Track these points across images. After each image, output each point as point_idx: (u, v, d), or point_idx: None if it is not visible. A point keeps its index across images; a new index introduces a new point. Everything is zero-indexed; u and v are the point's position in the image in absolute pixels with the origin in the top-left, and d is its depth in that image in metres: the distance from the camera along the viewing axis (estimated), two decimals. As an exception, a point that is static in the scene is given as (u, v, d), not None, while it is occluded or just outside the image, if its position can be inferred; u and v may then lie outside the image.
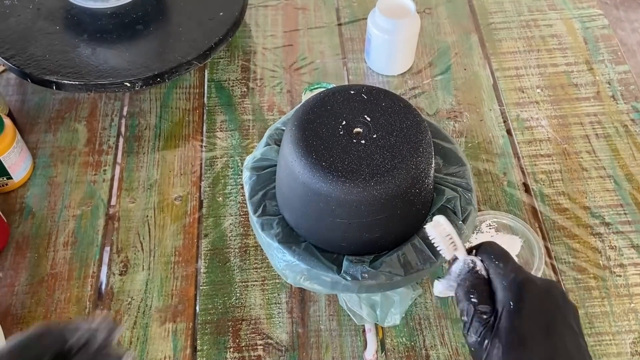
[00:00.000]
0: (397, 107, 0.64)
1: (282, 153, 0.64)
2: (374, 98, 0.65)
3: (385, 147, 0.61)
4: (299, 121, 0.63)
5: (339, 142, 0.61)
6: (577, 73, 0.98)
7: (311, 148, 0.61)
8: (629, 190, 0.85)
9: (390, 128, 0.62)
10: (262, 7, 1.07)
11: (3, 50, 0.90)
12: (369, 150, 0.61)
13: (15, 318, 0.74)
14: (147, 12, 0.97)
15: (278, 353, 0.72)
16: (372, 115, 0.63)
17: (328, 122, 0.63)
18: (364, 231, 0.62)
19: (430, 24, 1.04)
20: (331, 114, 0.63)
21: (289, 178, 0.62)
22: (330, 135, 0.62)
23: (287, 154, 0.62)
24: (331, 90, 0.66)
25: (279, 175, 0.66)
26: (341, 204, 0.59)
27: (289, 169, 0.62)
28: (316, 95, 0.66)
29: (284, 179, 0.64)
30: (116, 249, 0.80)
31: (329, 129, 0.62)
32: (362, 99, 0.65)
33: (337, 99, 0.65)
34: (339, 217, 0.61)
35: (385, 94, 0.65)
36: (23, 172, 0.84)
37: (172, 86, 0.96)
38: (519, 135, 0.90)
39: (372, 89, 0.66)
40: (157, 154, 0.89)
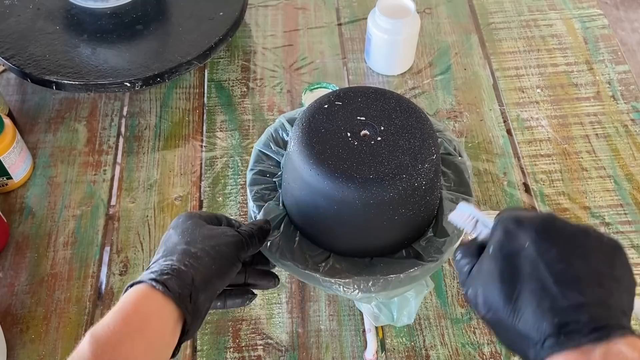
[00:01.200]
0: (403, 109, 0.64)
1: (288, 156, 0.64)
2: (380, 100, 0.65)
3: (392, 149, 0.61)
4: (305, 123, 0.63)
5: (345, 145, 0.61)
6: (577, 73, 0.98)
7: (318, 150, 0.60)
8: (629, 190, 0.85)
9: (397, 130, 0.62)
10: (262, 7, 1.07)
11: (3, 50, 0.90)
12: (376, 152, 0.60)
13: (15, 318, 0.74)
14: (147, 12, 0.97)
15: (278, 353, 0.72)
16: (379, 117, 0.63)
17: (335, 125, 0.63)
18: (369, 233, 0.62)
19: (430, 24, 1.04)
20: (338, 116, 0.63)
21: (299, 183, 0.62)
22: (337, 138, 0.61)
23: (294, 158, 0.62)
24: (338, 91, 0.66)
25: (288, 181, 0.66)
26: (347, 205, 0.59)
27: (297, 173, 0.62)
28: (323, 97, 0.65)
29: (293, 184, 0.64)
30: (116, 249, 0.80)
31: (336, 132, 0.62)
32: (369, 100, 0.65)
33: (344, 100, 0.65)
34: (342, 218, 0.61)
35: (390, 96, 0.65)
36: (23, 172, 0.84)
37: (172, 86, 0.96)
38: (519, 135, 0.90)
39: (378, 90, 0.66)
40: (157, 154, 0.89)
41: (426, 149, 0.61)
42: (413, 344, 0.72)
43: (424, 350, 0.72)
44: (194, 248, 0.54)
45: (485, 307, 0.46)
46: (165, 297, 0.50)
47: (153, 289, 0.50)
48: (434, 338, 0.73)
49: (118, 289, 0.76)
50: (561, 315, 0.42)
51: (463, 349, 0.72)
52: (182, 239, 0.55)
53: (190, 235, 0.55)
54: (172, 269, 0.51)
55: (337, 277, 0.61)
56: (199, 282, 0.52)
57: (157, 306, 0.49)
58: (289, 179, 0.65)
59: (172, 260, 0.53)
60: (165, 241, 0.57)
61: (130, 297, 0.50)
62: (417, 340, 0.72)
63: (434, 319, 0.74)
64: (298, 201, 0.64)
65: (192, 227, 0.56)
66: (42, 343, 0.72)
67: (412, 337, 0.73)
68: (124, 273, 0.78)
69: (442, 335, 0.73)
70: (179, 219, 0.59)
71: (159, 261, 0.53)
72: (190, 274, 0.52)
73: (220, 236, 0.56)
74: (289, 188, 0.65)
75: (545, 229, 0.46)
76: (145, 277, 0.51)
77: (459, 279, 0.52)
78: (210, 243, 0.55)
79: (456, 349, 0.72)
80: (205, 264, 0.53)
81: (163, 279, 0.50)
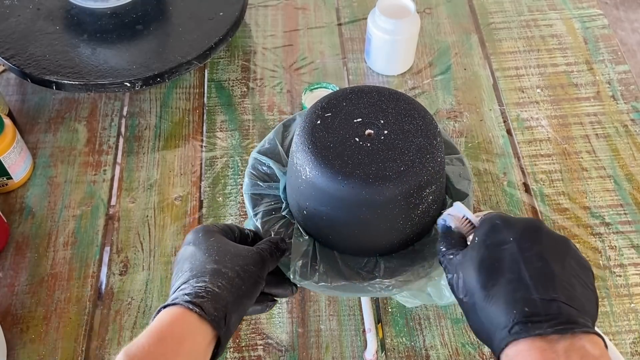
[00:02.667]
0: (408, 109, 0.64)
1: (292, 157, 0.64)
2: (384, 99, 0.65)
3: (397, 147, 0.61)
4: (309, 125, 0.63)
5: (350, 144, 0.61)
6: (577, 73, 0.98)
7: (323, 150, 0.60)
8: (629, 190, 0.85)
9: (402, 129, 0.62)
10: (262, 7, 1.07)
11: (3, 50, 0.90)
12: (381, 151, 0.60)
13: (15, 318, 0.74)
14: (147, 12, 0.97)
15: (278, 353, 0.72)
16: (383, 116, 0.63)
17: (339, 124, 0.63)
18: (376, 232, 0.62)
19: (430, 24, 1.04)
20: (342, 116, 0.63)
21: (304, 186, 0.62)
22: (341, 138, 0.61)
23: (298, 157, 0.62)
24: (342, 91, 0.66)
25: (293, 187, 0.66)
26: (353, 204, 0.59)
27: (301, 177, 0.62)
28: (327, 97, 0.66)
29: (298, 188, 0.64)
30: (116, 249, 0.79)
31: (340, 131, 0.62)
32: (373, 100, 0.65)
33: (347, 100, 0.65)
34: (349, 218, 0.61)
35: (395, 95, 0.65)
36: (23, 172, 0.84)
37: (172, 86, 0.96)
38: (519, 135, 0.90)
39: (381, 89, 0.66)
40: (157, 154, 0.89)
41: (431, 147, 0.61)
42: (413, 344, 0.72)
43: (424, 350, 0.72)
44: (225, 268, 0.54)
45: (463, 291, 0.50)
46: (201, 319, 0.50)
47: (189, 311, 0.50)
48: (434, 338, 0.73)
49: (118, 289, 0.76)
50: (532, 306, 0.45)
51: (463, 349, 0.72)
52: (209, 257, 0.55)
53: (218, 254, 0.56)
54: (207, 290, 0.52)
55: (396, 277, 0.62)
56: (231, 304, 0.53)
57: (192, 328, 0.50)
58: (293, 184, 0.64)
59: (205, 282, 0.53)
60: (190, 258, 0.56)
61: (166, 319, 0.51)
62: (417, 340, 0.72)
63: (434, 319, 0.74)
64: (304, 205, 0.63)
65: (216, 245, 0.57)
66: (42, 343, 0.72)
67: (412, 337, 0.73)
68: (124, 273, 0.78)
69: (442, 335, 0.73)
70: (197, 233, 0.59)
71: (190, 282, 0.54)
72: (224, 296, 0.53)
73: (246, 255, 0.57)
74: (294, 194, 0.65)
75: (531, 230, 0.50)
76: (180, 299, 0.51)
77: (442, 265, 0.54)
78: (239, 262, 0.55)
79: (456, 349, 0.72)
80: (237, 285, 0.54)
81: (199, 302, 0.51)
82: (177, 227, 0.81)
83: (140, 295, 0.76)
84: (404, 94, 0.66)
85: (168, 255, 0.79)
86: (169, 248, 0.79)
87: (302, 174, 0.61)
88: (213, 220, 0.82)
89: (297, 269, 0.62)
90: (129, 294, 0.76)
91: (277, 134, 0.72)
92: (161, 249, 0.79)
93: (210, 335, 0.51)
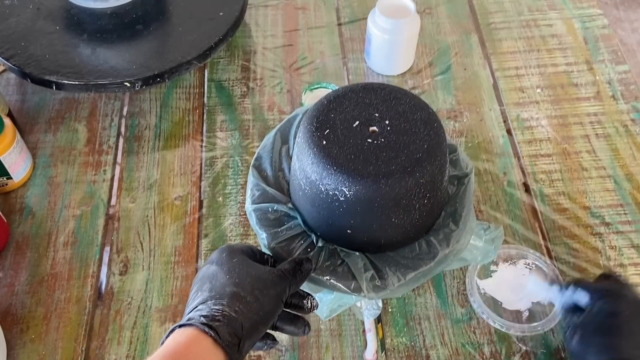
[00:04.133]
0: (413, 106, 0.64)
1: (296, 153, 0.64)
2: (387, 96, 0.65)
3: (401, 144, 0.61)
4: (312, 122, 0.63)
5: (354, 141, 0.61)
6: (577, 73, 0.98)
7: (326, 147, 0.61)
8: (629, 190, 0.85)
9: (405, 125, 0.62)
10: (262, 7, 1.07)
11: (3, 50, 0.90)
12: (385, 148, 0.61)
13: (15, 318, 0.74)
14: (147, 12, 0.97)
15: (278, 353, 0.72)
16: (388, 113, 0.63)
17: (343, 121, 0.63)
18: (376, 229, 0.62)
19: (430, 24, 1.04)
20: (346, 112, 0.63)
21: (305, 179, 0.62)
22: (346, 135, 0.62)
23: (301, 154, 0.62)
24: (346, 88, 0.66)
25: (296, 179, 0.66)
26: (356, 202, 0.59)
27: (303, 170, 0.62)
28: (328, 95, 0.66)
29: (300, 181, 0.64)
30: (116, 249, 0.79)
31: (344, 128, 0.62)
32: (375, 97, 0.65)
33: (351, 96, 0.65)
34: (353, 216, 0.61)
35: (399, 92, 0.65)
36: (23, 172, 0.84)
37: (172, 86, 0.96)
38: (519, 135, 0.90)
39: (383, 86, 0.66)
40: (157, 154, 0.89)
41: (435, 144, 0.61)
42: (413, 344, 0.72)
43: (424, 350, 0.72)
44: (244, 292, 0.54)
45: (579, 344, 0.63)
46: (215, 344, 0.51)
47: (204, 334, 0.51)
48: (434, 338, 0.73)
49: (118, 289, 0.76)
50: None
51: (463, 349, 0.72)
52: (229, 279, 0.55)
53: (239, 276, 0.56)
54: (223, 315, 0.52)
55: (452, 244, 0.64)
56: (247, 330, 0.53)
57: (206, 352, 0.51)
58: (297, 181, 0.64)
59: (223, 305, 0.53)
60: (210, 278, 0.56)
61: (181, 340, 0.51)
62: (417, 340, 0.72)
63: (434, 319, 0.74)
64: (309, 202, 0.64)
65: (239, 266, 0.57)
66: (42, 343, 0.72)
67: (412, 337, 0.73)
68: (124, 273, 0.78)
69: (442, 335, 0.73)
70: (222, 253, 0.59)
71: (208, 303, 0.54)
72: (240, 322, 0.53)
73: (267, 278, 0.57)
74: (298, 193, 0.65)
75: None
76: (197, 321, 0.52)
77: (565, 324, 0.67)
78: (259, 286, 0.55)
79: (456, 349, 0.72)
80: (254, 310, 0.54)
81: (215, 325, 0.51)
82: (177, 227, 0.81)
83: (140, 295, 0.76)
84: (406, 90, 0.66)
85: (168, 255, 0.79)
86: (169, 248, 0.79)
87: (305, 174, 0.61)
88: (213, 220, 0.82)
89: (368, 286, 0.62)
90: (129, 294, 0.76)
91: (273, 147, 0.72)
92: (161, 249, 0.79)
93: (223, 359, 0.51)
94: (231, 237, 0.80)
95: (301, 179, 0.63)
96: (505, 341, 0.72)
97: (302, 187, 0.63)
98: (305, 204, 0.64)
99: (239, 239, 0.80)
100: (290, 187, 0.68)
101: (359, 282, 0.62)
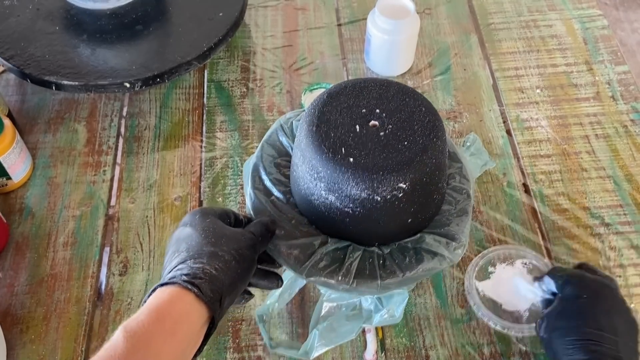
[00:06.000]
0: (410, 100, 0.64)
1: (297, 146, 0.64)
2: (387, 91, 0.65)
3: (401, 139, 0.61)
4: (313, 116, 0.63)
5: (354, 135, 0.61)
6: (576, 73, 0.98)
7: (327, 141, 0.61)
8: (628, 191, 0.85)
9: (405, 120, 0.63)
10: (262, 7, 1.07)
11: (3, 50, 0.90)
12: (385, 142, 0.61)
13: (15, 318, 0.74)
14: (147, 12, 0.97)
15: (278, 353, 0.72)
16: (387, 108, 0.64)
17: (342, 116, 0.63)
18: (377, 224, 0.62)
19: (430, 24, 1.04)
20: (346, 107, 0.64)
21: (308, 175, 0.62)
22: (346, 129, 0.62)
23: (303, 149, 0.62)
24: (346, 83, 0.66)
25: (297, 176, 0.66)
26: (355, 197, 0.60)
27: (306, 166, 0.62)
28: (331, 88, 0.66)
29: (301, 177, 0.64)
30: (116, 250, 0.79)
31: (344, 123, 0.62)
32: (376, 91, 0.65)
33: (352, 92, 0.65)
34: (353, 209, 0.61)
35: (397, 87, 0.66)
36: (23, 172, 0.84)
37: (172, 86, 0.96)
38: (518, 135, 0.90)
39: (384, 81, 0.66)
40: (157, 154, 0.89)
41: (434, 138, 0.61)
42: (413, 344, 0.72)
43: (423, 351, 0.72)
44: (221, 251, 0.55)
45: (546, 331, 0.65)
46: (198, 299, 0.52)
47: (187, 291, 0.52)
48: (433, 338, 0.73)
49: (118, 289, 0.76)
50: (593, 355, 0.60)
51: (463, 349, 0.72)
52: (205, 239, 0.56)
53: (214, 236, 0.57)
54: (204, 272, 0.53)
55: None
56: (227, 286, 0.54)
57: (189, 308, 0.51)
58: (297, 173, 0.65)
59: (203, 264, 0.54)
60: (186, 239, 0.57)
61: (164, 297, 0.52)
62: (417, 341, 0.72)
63: (433, 319, 0.74)
64: (308, 194, 0.64)
65: (212, 227, 0.58)
66: (42, 343, 0.72)
67: (412, 337, 0.73)
68: (123, 273, 0.78)
69: (442, 336, 0.73)
70: (194, 215, 0.60)
71: (187, 262, 0.54)
72: (221, 279, 0.54)
73: (240, 239, 0.58)
74: (297, 184, 0.65)
75: (601, 288, 0.66)
76: (179, 279, 0.52)
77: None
78: (234, 246, 0.56)
79: (456, 349, 0.72)
80: (233, 268, 0.55)
81: (197, 282, 0.52)
82: (177, 228, 0.81)
83: (140, 295, 0.76)
84: (404, 85, 0.66)
85: (168, 255, 0.79)
86: (168, 248, 0.79)
87: (306, 165, 0.62)
88: (213, 220, 0.82)
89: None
90: (128, 294, 0.76)
91: None
92: (161, 249, 0.79)
93: (206, 316, 0.52)
94: (231, 238, 0.80)
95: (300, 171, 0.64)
96: (504, 342, 0.72)
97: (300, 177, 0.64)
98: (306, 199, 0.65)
99: (239, 239, 0.80)
100: (292, 183, 0.68)
101: None
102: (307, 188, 0.63)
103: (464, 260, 0.77)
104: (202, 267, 0.53)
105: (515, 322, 0.72)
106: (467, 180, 0.70)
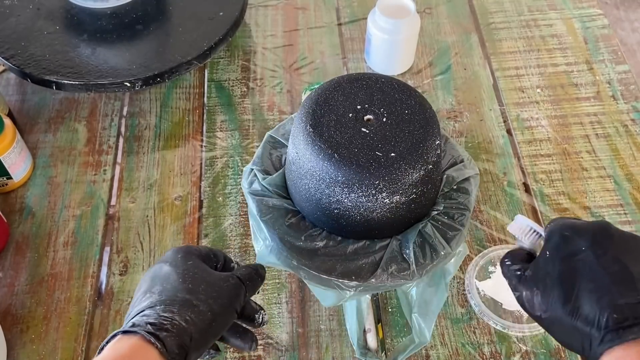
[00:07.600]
0: (405, 95, 0.65)
1: (292, 142, 0.64)
2: (382, 86, 0.66)
3: (396, 133, 0.61)
4: (309, 109, 0.64)
5: (349, 130, 0.62)
6: (577, 73, 0.98)
7: (322, 136, 0.61)
8: (629, 190, 0.85)
9: (400, 115, 0.63)
10: (262, 7, 1.07)
11: (3, 50, 0.90)
12: (380, 137, 0.61)
13: (15, 318, 0.74)
14: (147, 12, 0.97)
15: (278, 353, 0.72)
16: (382, 102, 0.64)
17: (338, 110, 0.63)
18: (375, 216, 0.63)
19: (430, 24, 1.04)
20: (341, 102, 0.64)
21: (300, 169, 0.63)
22: (341, 123, 0.62)
23: (297, 143, 0.62)
24: (341, 78, 0.67)
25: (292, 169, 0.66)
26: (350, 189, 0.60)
27: (299, 159, 0.62)
28: (326, 83, 0.66)
29: (295, 171, 0.64)
30: (116, 249, 0.79)
31: (339, 117, 0.63)
32: (371, 86, 0.65)
33: (347, 87, 0.65)
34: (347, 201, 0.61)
35: (392, 82, 0.66)
36: (23, 172, 0.84)
37: (172, 86, 0.96)
38: (519, 135, 0.90)
39: (379, 76, 0.67)
40: (157, 153, 0.89)
41: (429, 133, 0.62)
42: (413, 344, 0.72)
43: (424, 350, 0.72)
44: (197, 300, 0.51)
45: (542, 307, 0.50)
46: (161, 356, 0.47)
47: (149, 345, 0.47)
48: (434, 338, 0.72)
49: (118, 289, 0.76)
50: (619, 312, 0.45)
51: (463, 349, 0.72)
52: (182, 284, 0.52)
53: (192, 282, 0.53)
54: (172, 324, 0.49)
55: None
56: (195, 341, 0.50)
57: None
58: (294, 170, 0.65)
59: (173, 313, 0.50)
60: (162, 280, 0.53)
61: (123, 350, 0.47)
62: (417, 340, 0.72)
63: (434, 319, 0.74)
64: (304, 190, 0.64)
65: (193, 270, 0.54)
66: (42, 343, 0.72)
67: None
68: (124, 273, 0.78)
69: (442, 335, 0.73)
70: (177, 254, 0.56)
71: (156, 308, 0.50)
72: (190, 332, 0.49)
73: (222, 286, 0.54)
74: (294, 181, 0.65)
75: (601, 235, 0.50)
76: (142, 329, 0.48)
77: (509, 283, 0.54)
78: (213, 294, 0.52)
79: (456, 349, 0.72)
80: (206, 321, 0.51)
81: (162, 336, 0.48)
82: (177, 227, 0.81)
83: (140, 295, 0.76)
84: (400, 80, 0.67)
85: (168, 255, 0.79)
86: (168, 248, 0.79)
87: (302, 162, 0.62)
88: (213, 220, 0.82)
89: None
90: (129, 294, 0.76)
91: None
92: (161, 249, 0.79)
93: None
94: (231, 237, 0.80)
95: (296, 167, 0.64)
96: (505, 341, 0.72)
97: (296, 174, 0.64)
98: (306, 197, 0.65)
99: (239, 238, 0.80)
100: (288, 181, 0.68)
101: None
102: (302, 185, 0.64)
103: (464, 260, 0.77)
104: (171, 317, 0.49)
105: (515, 322, 0.73)
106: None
